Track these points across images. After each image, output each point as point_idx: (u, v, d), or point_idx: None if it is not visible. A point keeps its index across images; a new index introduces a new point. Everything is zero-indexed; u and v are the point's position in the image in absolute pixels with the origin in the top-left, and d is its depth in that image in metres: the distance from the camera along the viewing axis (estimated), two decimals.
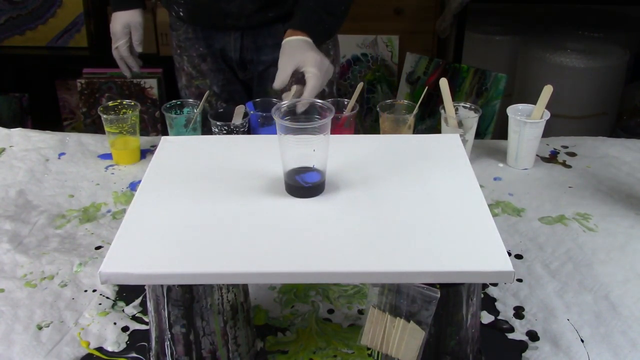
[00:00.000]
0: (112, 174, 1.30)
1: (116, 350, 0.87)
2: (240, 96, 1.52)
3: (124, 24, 1.46)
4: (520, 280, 0.99)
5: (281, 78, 1.17)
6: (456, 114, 1.29)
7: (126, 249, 0.76)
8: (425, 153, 0.97)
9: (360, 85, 1.32)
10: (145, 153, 1.37)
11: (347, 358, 0.86)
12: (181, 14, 1.40)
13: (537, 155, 1.33)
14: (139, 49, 1.49)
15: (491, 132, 2.21)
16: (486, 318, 0.92)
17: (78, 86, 2.34)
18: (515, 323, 0.91)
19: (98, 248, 1.08)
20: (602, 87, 2.37)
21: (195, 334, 0.77)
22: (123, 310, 0.94)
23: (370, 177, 0.90)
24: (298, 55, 1.18)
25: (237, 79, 1.52)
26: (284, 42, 1.23)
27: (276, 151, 0.86)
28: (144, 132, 2.32)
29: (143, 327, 0.91)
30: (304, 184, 0.86)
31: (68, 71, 2.47)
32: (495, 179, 1.28)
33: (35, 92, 2.60)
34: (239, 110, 1.29)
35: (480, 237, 0.77)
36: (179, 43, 1.49)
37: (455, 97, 2.21)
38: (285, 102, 0.86)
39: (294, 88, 1.33)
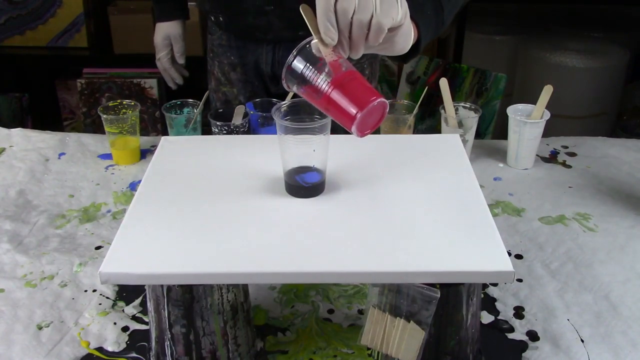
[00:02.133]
0: (112, 174, 1.30)
1: (116, 350, 0.87)
2: None
3: (164, 36, 1.47)
4: (520, 280, 0.99)
5: None
6: (456, 114, 1.29)
7: (126, 249, 0.76)
8: (425, 153, 0.97)
9: None
10: (145, 153, 1.37)
11: (347, 358, 0.86)
12: (220, 19, 1.39)
13: (537, 155, 1.33)
14: (180, 61, 1.51)
15: (491, 132, 2.21)
16: (486, 318, 0.92)
17: (78, 86, 2.34)
18: (515, 323, 0.91)
19: (98, 248, 1.08)
20: (602, 87, 2.37)
21: (195, 334, 0.77)
22: (123, 310, 0.94)
23: (370, 177, 0.90)
24: None
25: (267, 92, 1.50)
26: None
27: (276, 151, 0.86)
28: (144, 132, 2.32)
29: (143, 327, 0.91)
30: (304, 184, 0.86)
31: (68, 71, 2.47)
32: (495, 179, 1.28)
33: (35, 92, 2.60)
34: (239, 110, 1.29)
35: (480, 237, 0.77)
36: (212, 47, 1.48)
37: (455, 97, 2.21)
38: (285, 103, 0.86)
39: (294, 88, 1.33)
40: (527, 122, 1.26)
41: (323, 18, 0.74)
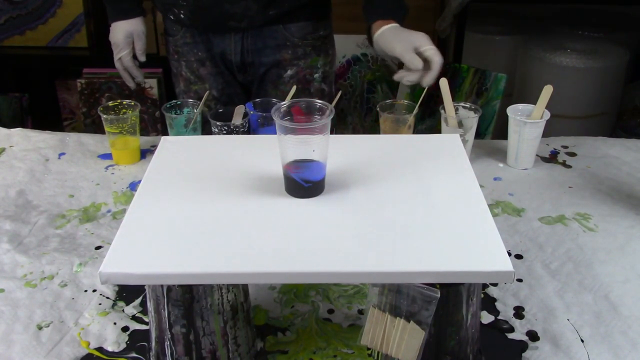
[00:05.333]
0: (112, 174, 1.30)
1: (116, 350, 0.87)
2: (239, 99, 1.52)
3: (127, 34, 1.44)
4: (520, 280, 0.99)
5: (415, 61, 1.23)
6: (456, 114, 1.29)
7: (126, 249, 0.76)
8: (425, 153, 0.97)
9: (339, 93, 1.36)
10: (145, 153, 1.37)
11: (347, 358, 0.86)
12: (182, 16, 1.38)
13: (537, 155, 1.33)
14: (142, 59, 1.47)
15: (491, 132, 2.21)
16: (486, 318, 0.92)
17: (78, 86, 2.34)
18: (515, 323, 0.91)
19: (98, 248, 1.08)
20: (602, 87, 2.36)
21: (195, 334, 0.77)
22: (123, 310, 0.94)
23: (370, 177, 0.90)
24: (410, 38, 1.24)
25: (237, 81, 1.51)
26: (380, 33, 1.28)
27: (276, 151, 0.86)
28: (144, 132, 2.32)
29: (143, 327, 0.91)
30: (304, 184, 0.86)
31: (68, 71, 2.47)
32: (495, 179, 1.28)
33: (35, 92, 2.60)
34: (239, 110, 1.29)
35: (480, 237, 0.77)
36: (177, 48, 1.47)
37: (455, 97, 2.21)
38: (285, 103, 0.86)
39: (294, 88, 1.33)
40: (527, 122, 1.26)
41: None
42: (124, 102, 1.32)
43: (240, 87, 1.52)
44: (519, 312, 0.93)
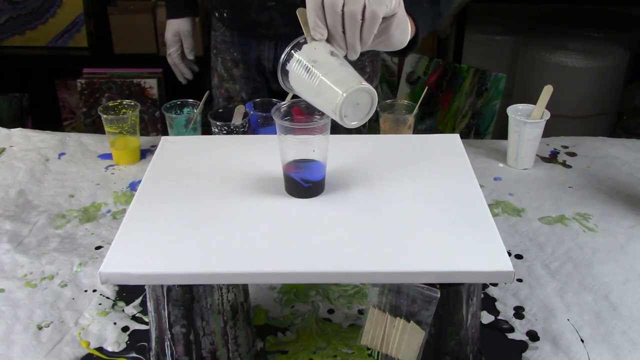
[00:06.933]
0: (112, 174, 1.30)
1: (116, 350, 0.87)
2: None
3: (174, 32, 1.53)
4: (520, 280, 0.99)
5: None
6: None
7: (126, 249, 0.76)
8: (425, 153, 0.97)
9: None
10: (145, 153, 1.37)
11: (347, 358, 0.86)
12: (225, 15, 1.42)
13: (537, 155, 1.33)
14: (190, 56, 1.56)
15: (491, 132, 2.21)
16: (486, 318, 0.92)
17: (78, 86, 2.34)
18: (515, 323, 0.91)
19: (98, 248, 1.08)
20: (602, 87, 2.37)
21: (195, 334, 0.77)
22: (123, 310, 0.94)
23: (370, 177, 0.90)
24: None
25: (268, 88, 1.52)
26: None
27: (276, 151, 0.86)
28: (144, 132, 2.32)
29: (143, 327, 0.91)
30: (303, 184, 0.86)
31: (68, 71, 2.48)
32: (495, 179, 1.28)
33: (35, 92, 2.60)
34: (239, 110, 1.29)
35: (480, 237, 0.77)
36: (216, 44, 1.51)
37: (455, 97, 2.21)
38: (285, 103, 0.86)
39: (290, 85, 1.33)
40: (527, 122, 1.26)
41: (312, 14, 0.75)
42: (124, 102, 1.32)
43: (272, 95, 1.52)
44: (519, 312, 0.93)
